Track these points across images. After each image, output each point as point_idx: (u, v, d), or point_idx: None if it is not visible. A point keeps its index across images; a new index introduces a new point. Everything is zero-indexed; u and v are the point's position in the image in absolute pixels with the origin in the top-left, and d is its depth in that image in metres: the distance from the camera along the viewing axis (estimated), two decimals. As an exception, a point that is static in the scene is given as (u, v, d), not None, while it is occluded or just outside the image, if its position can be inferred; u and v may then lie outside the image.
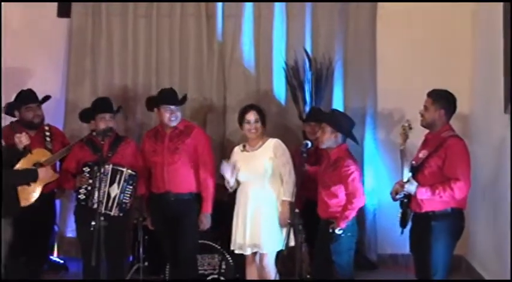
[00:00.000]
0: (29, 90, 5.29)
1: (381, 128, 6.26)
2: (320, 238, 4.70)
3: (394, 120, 6.23)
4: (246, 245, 4.83)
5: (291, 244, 4.75)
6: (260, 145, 4.93)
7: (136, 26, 6.24)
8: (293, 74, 6.06)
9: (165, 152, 5.01)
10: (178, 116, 5.04)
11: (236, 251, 4.94)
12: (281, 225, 4.81)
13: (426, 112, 4.44)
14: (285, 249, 4.67)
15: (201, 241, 5.25)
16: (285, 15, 6.24)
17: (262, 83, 6.22)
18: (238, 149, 5.04)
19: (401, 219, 4.49)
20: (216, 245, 5.35)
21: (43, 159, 4.82)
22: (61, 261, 6.14)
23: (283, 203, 4.82)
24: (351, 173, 4.53)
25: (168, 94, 5.13)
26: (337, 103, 6.17)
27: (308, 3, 6.20)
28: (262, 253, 4.84)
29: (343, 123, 4.71)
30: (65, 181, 5.06)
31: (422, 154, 4.45)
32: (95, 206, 4.61)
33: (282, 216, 4.81)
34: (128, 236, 5.43)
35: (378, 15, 6.25)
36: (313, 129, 5.38)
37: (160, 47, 6.25)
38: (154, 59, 6.25)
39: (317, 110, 5.55)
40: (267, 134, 5.06)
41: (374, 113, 6.25)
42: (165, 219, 5.07)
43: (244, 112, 4.98)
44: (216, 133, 6.13)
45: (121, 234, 5.03)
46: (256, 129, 4.92)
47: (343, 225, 4.50)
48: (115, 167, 4.84)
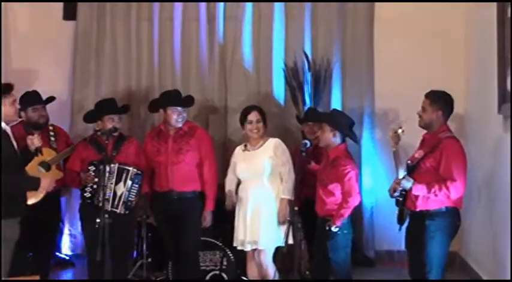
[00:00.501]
0: (34, 91, 5.30)
1: (378, 128, 6.27)
2: (318, 235, 4.71)
3: (391, 120, 6.25)
4: (246, 242, 4.85)
5: (290, 242, 4.77)
6: (261, 144, 4.96)
7: (139, 29, 6.26)
8: (292, 76, 6.07)
9: (169, 152, 5.03)
10: (184, 117, 5.08)
11: (238, 248, 4.96)
12: (280, 222, 4.83)
13: (424, 113, 4.44)
14: (285, 246, 4.69)
15: (203, 238, 5.27)
16: (285, 18, 6.25)
17: (262, 84, 6.24)
18: (239, 149, 5.07)
19: (398, 217, 4.50)
20: (218, 242, 5.37)
21: (48, 158, 4.83)
22: (67, 257, 6.16)
23: (281, 201, 4.84)
24: (348, 173, 4.55)
25: (176, 96, 5.15)
26: (335, 103, 6.18)
27: (307, 5, 6.22)
28: (260, 249, 4.85)
29: (342, 122, 4.73)
30: (71, 180, 5.07)
31: (418, 154, 4.46)
32: (101, 204, 4.61)
33: (281, 213, 4.84)
34: (132, 233, 5.44)
35: (375, 18, 6.26)
36: (311, 129, 5.39)
37: (162, 50, 6.27)
38: (157, 61, 6.27)
39: (313, 110, 5.57)
40: (268, 134, 5.07)
41: (371, 113, 6.27)
42: (168, 217, 5.10)
43: (246, 113, 5.00)
44: (218, 133, 6.16)
45: (126, 231, 5.05)
46: (258, 129, 4.95)
47: (338, 223, 4.52)
48: (121, 166, 4.86)
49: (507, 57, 4.79)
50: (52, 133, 5.22)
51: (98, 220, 4.48)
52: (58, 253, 6.14)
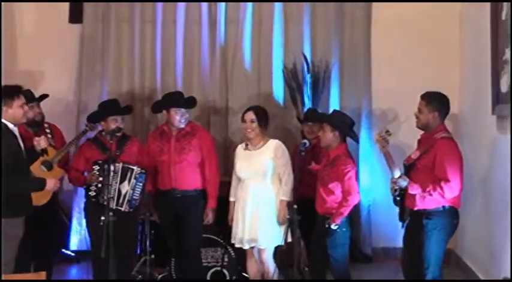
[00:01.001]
0: (28, 90, 5.22)
1: (376, 128, 6.26)
2: (317, 233, 4.71)
3: (388, 119, 6.27)
4: (245, 240, 4.84)
5: (289, 240, 4.77)
6: (262, 145, 4.93)
7: (143, 32, 6.28)
8: (292, 77, 6.08)
9: (172, 152, 5.04)
10: (187, 118, 5.08)
11: (236, 245, 4.96)
12: (279, 223, 4.82)
13: (420, 114, 4.42)
14: (284, 244, 4.70)
15: (205, 235, 5.28)
16: (284, 20, 6.26)
17: (262, 86, 6.25)
18: (240, 148, 5.04)
19: (400, 215, 4.52)
20: (219, 239, 5.37)
21: (49, 157, 4.80)
22: (72, 254, 6.17)
23: (281, 203, 4.82)
24: (348, 172, 4.55)
25: (179, 97, 5.15)
26: (334, 104, 6.20)
27: (306, 8, 6.23)
28: (260, 248, 4.85)
29: (342, 122, 4.73)
30: (75, 179, 5.08)
31: (414, 155, 4.45)
32: (106, 202, 4.61)
33: (281, 215, 4.81)
34: (136, 231, 5.45)
35: (373, 20, 6.27)
36: (311, 129, 5.40)
37: (165, 52, 6.29)
38: (160, 63, 6.29)
39: (312, 111, 5.58)
40: (268, 135, 5.06)
41: (369, 113, 6.29)
42: (171, 214, 5.10)
43: (243, 113, 4.98)
44: (219, 133, 6.20)
45: (130, 228, 5.06)
46: (251, 129, 4.88)
47: (338, 221, 4.53)
48: (125, 165, 4.87)
49: (500, 58, 4.78)
50: (48, 131, 5.17)
51: (103, 218, 4.48)
52: (64, 250, 6.14)
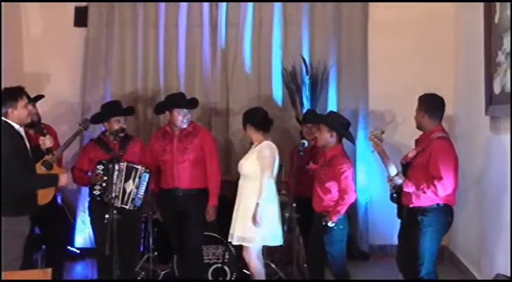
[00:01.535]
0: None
1: (373, 128, 6.25)
2: (314, 230, 4.72)
3: (385, 120, 6.27)
4: (234, 237, 4.82)
5: (280, 242, 4.79)
6: (257, 145, 4.93)
7: (146, 35, 6.30)
8: (291, 79, 6.09)
9: (175, 151, 5.06)
10: (189, 119, 5.11)
11: (229, 239, 4.91)
12: (253, 224, 4.70)
13: (415, 116, 4.47)
14: (284, 243, 4.70)
15: (206, 233, 5.29)
16: (283, 23, 6.27)
17: (262, 88, 6.27)
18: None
19: (398, 211, 4.56)
20: (220, 237, 5.37)
21: (49, 156, 4.80)
22: (77, 251, 6.17)
23: (256, 205, 4.71)
24: (344, 171, 4.57)
25: (181, 98, 5.16)
26: (331, 105, 6.21)
27: (305, 11, 6.23)
28: (244, 246, 4.82)
29: (338, 123, 4.74)
30: (79, 179, 5.10)
31: (411, 154, 4.48)
32: (111, 201, 4.61)
33: (253, 216, 4.70)
34: (139, 228, 5.46)
35: (370, 22, 6.28)
36: (310, 130, 5.41)
37: (168, 54, 6.30)
38: (162, 66, 6.30)
39: (312, 112, 5.58)
40: (267, 135, 5.04)
41: (366, 114, 6.30)
42: (174, 213, 5.12)
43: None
44: (220, 134, 6.21)
45: (133, 226, 5.09)
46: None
47: (335, 219, 4.54)
48: (130, 165, 4.89)
49: (493, 60, 4.79)
50: (45, 131, 5.16)
51: (107, 216, 4.49)
52: (70, 247, 6.15)
